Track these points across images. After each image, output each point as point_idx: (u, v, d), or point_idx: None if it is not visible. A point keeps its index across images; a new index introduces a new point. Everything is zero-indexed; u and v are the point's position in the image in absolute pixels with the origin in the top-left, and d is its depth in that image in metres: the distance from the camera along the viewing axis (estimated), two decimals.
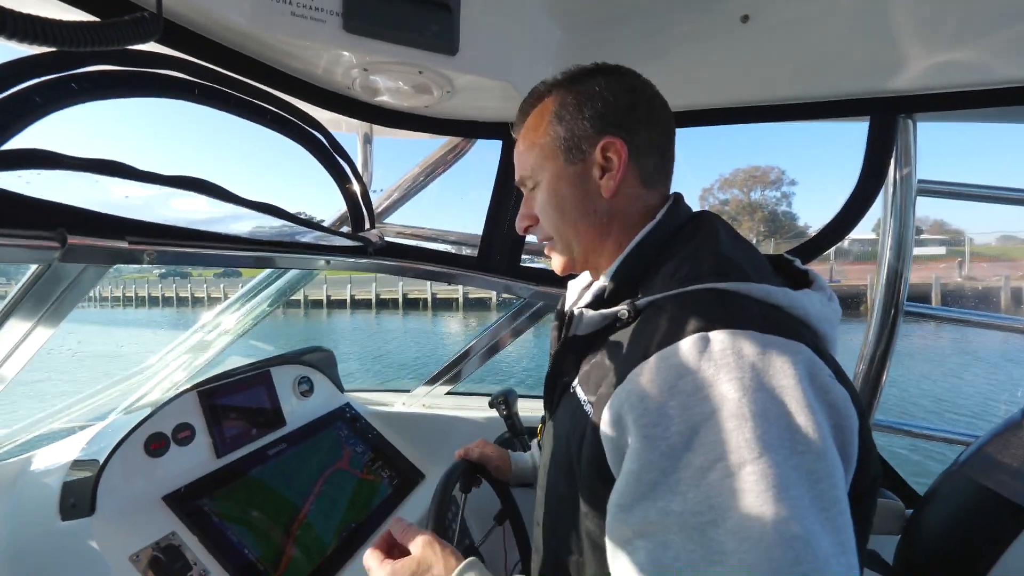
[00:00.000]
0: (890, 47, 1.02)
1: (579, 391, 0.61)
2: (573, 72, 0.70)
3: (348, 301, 36.76)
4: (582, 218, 0.68)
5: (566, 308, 0.86)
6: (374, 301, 36.00)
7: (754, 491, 0.39)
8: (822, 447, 0.42)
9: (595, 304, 0.63)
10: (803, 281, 0.64)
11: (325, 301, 36.79)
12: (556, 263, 0.75)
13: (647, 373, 0.48)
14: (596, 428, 0.52)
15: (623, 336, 0.57)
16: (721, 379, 0.44)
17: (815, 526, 0.38)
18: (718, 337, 0.47)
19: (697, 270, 0.56)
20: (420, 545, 0.64)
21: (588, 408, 0.57)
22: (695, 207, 0.70)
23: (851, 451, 0.46)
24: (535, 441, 1.11)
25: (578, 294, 0.87)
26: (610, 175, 0.64)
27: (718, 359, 0.45)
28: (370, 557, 0.66)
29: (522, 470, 1.04)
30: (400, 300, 35.15)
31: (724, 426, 0.42)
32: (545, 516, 0.69)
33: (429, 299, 33.36)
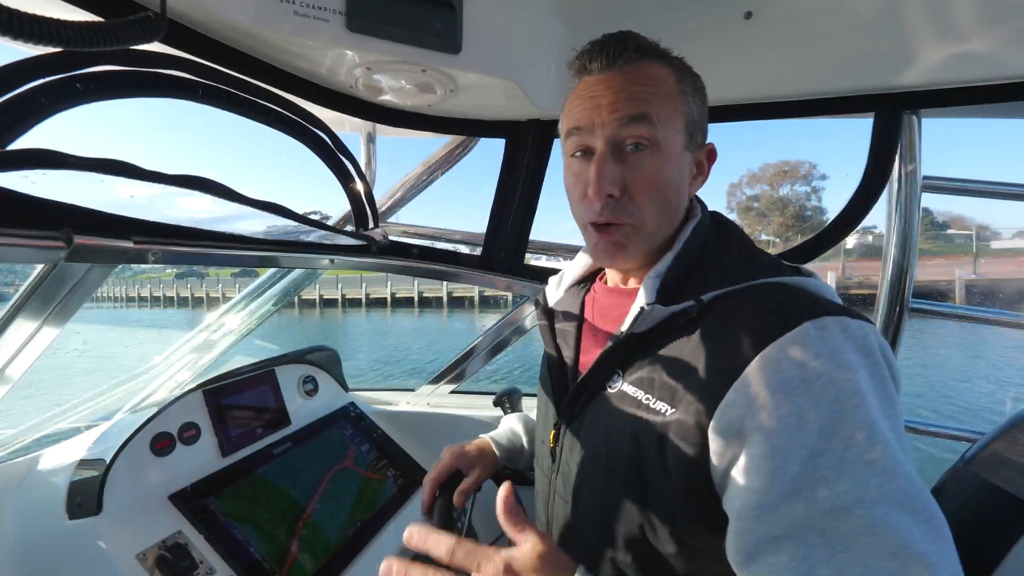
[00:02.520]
0: (894, 42, 1.01)
1: (632, 391, 0.59)
2: (672, 56, 0.64)
3: (363, 300, 36.74)
4: (677, 210, 0.64)
5: (550, 304, 0.84)
6: (389, 300, 35.97)
7: (881, 460, 0.44)
8: (898, 409, 0.48)
9: (661, 299, 0.59)
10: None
11: (340, 300, 36.79)
12: (624, 257, 0.65)
13: (765, 367, 0.49)
14: (700, 431, 0.52)
15: (695, 333, 0.55)
16: (838, 362, 0.47)
17: (915, 477, 0.45)
18: (826, 323, 0.50)
19: (755, 267, 0.58)
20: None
21: (662, 409, 0.55)
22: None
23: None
24: (510, 418, 1.05)
25: (564, 293, 0.84)
26: (701, 179, 0.66)
27: (831, 344, 0.48)
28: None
29: (506, 450, 0.95)
30: (416, 299, 35.12)
31: (846, 406, 0.46)
32: (581, 520, 0.65)
33: (445, 297, 33.33)
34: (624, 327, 0.61)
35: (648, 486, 0.56)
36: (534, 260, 1.52)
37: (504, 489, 0.50)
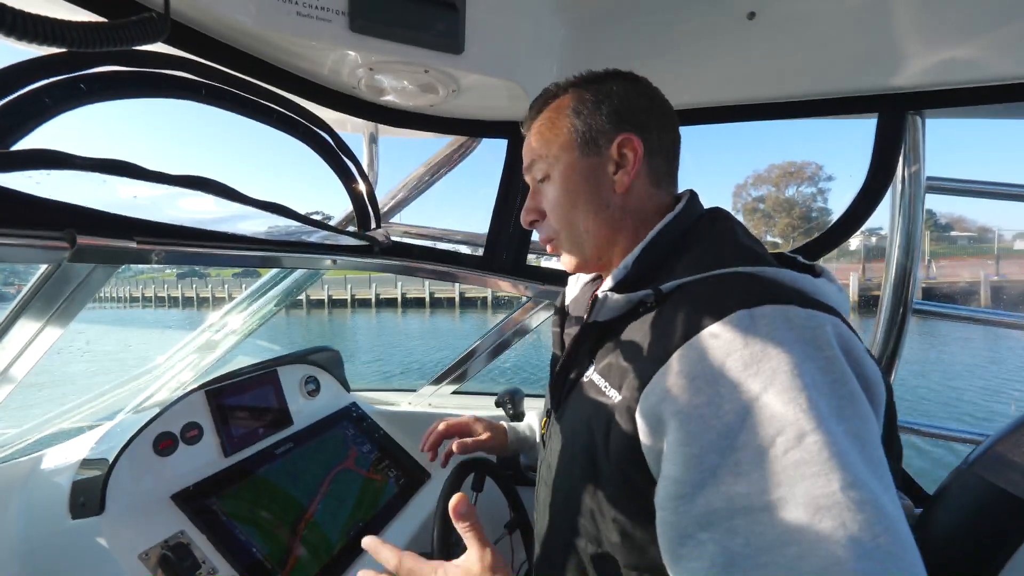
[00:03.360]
0: (898, 42, 1.01)
1: (597, 380, 0.60)
2: (588, 75, 0.71)
3: (373, 300, 36.69)
4: (595, 212, 0.68)
5: (566, 302, 0.88)
6: (399, 300, 35.93)
7: (817, 462, 0.39)
8: (863, 411, 0.43)
9: (619, 288, 0.62)
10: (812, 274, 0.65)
11: (349, 300, 36.75)
12: (566, 262, 0.74)
13: (692, 354, 0.48)
14: (630, 416, 0.52)
15: (649, 321, 0.56)
16: (770, 353, 0.44)
17: (875, 486, 0.39)
18: (764, 312, 0.47)
19: (722, 256, 0.57)
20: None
21: (613, 396, 0.56)
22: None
23: (879, 424, 0.47)
24: (531, 414, 1.11)
25: (579, 290, 0.87)
26: (625, 171, 0.66)
27: (765, 333, 0.45)
28: (409, 557, 0.59)
29: (520, 438, 1.03)
30: (427, 299, 35.07)
31: (779, 400, 0.42)
32: (556, 506, 0.67)
33: (457, 298, 33.24)
34: (588, 316, 0.64)
35: (599, 474, 0.57)
36: (543, 261, 1.53)
37: (456, 497, 0.56)
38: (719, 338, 0.47)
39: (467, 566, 0.54)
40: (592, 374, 0.62)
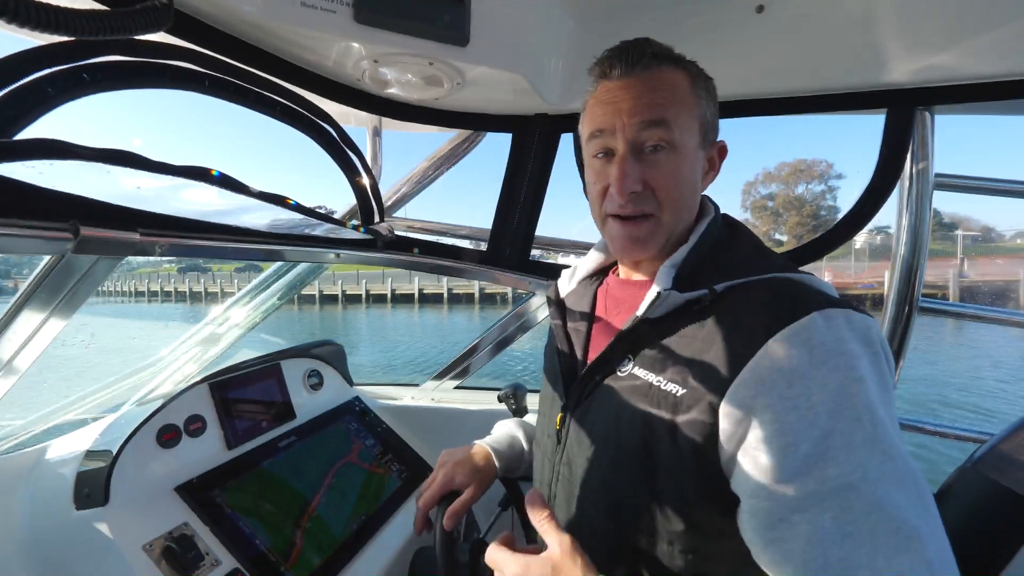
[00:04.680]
0: (908, 37, 1.00)
1: (643, 374, 0.62)
2: (684, 58, 0.68)
3: (389, 296, 36.58)
4: (692, 205, 0.69)
5: (562, 297, 0.87)
6: (416, 296, 35.78)
7: (882, 441, 0.48)
8: (893, 396, 0.53)
9: (676, 286, 0.62)
10: None
11: (364, 296, 36.62)
12: (642, 247, 0.68)
13: (776, 351, 0.52)
14: (711, 409, 0.54)
15: (710, 320, 0.59)
16: (843, 350, 0.51)
17: (907, 457, 0.49)
18: (832, 314, 0.53)
19: (763, 262, 0.62)
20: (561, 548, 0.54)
21: (674, 389, 0.58)
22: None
23: None
24: (506, 423, 1.01)
25: (576, 285, 0.87)
26: (713, 174, 0.70)
27: (836, 333, 0.52)
28: (497, 551, 0.59)
29: (506, 459, 0.92)
30: (445, 295, 34.96)
31: (851, 391, 0.49)
32: (590, 503, 0.66)
33: (477, 295, 33.14)
34: (639, 312, 0.63)
35: (658, 466, 0.59)
36: (562, 259, 1.52)
37: (532, 492, 0.58)
38: (800, 336, 0.52)
39: (549, 554, 0.55)
40: (634, 370, 0.63)
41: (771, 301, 0.56)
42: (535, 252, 1.50)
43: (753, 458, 0.51)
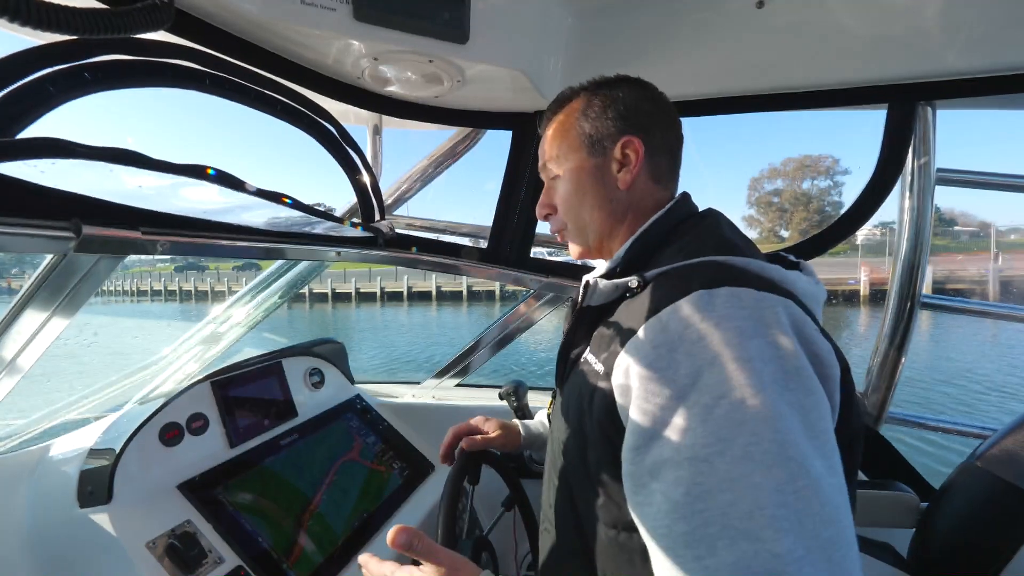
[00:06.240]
0: (909, 31, 0.99)
1: (589, 358, 0.66)
2: (600, 80, 0.77)
3: (405, 294, 36.39)
4: (599, 206, 0.74)
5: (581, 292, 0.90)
6: (434, 294, 35.57)
7: (753, 422, 0.44)
8: (809, 385, 0.48)
9: (608, 276, 0.69)
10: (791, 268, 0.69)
11: (379, 294, 36.42)
12: (573, 250, 0.81)
13: (657, 326, 0.54)
14: (607, 380, 0.57)
15: (633, 303, 0.62)
16: (723, 327, 0.49)
17: (807, 450, 0.44)
18: (720, 292, 0.52)
19: (701, 247, 0.63)
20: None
21: (598, 367, 0.61)
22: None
23: (834, 400, 0.51)
24: (543, 412, 1.12)
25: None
26: (627, 169, 0.72)
27: (720, 309, 0.51)
28: (369, 560, 0.65)
29: (533, 436, 1.05)
30: (464, 293, 34.84)
31: (727, 367, 0.47)
32: (560, 481, 0.71)
33: (497, 291, 32.72)
34: (579, 300, 0.71)
35: (586, 440, 0.62)
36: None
37: (392, 532, 0.59)
38: (680, 312, 0.52)
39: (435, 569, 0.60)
40: (587, 354, 0.67)
41: (674, 283, 0.57)
42: (536, 250, 1.50)
43: (628, 426, 0.53)
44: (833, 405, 0.50)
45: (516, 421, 1.06)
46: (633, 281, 0.63)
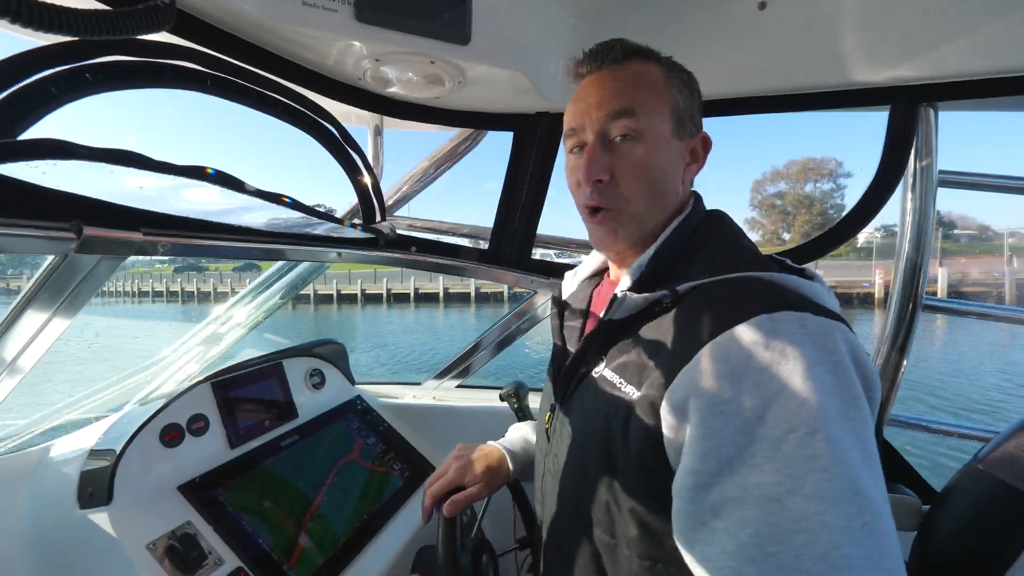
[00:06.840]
0: (912, 32, 0.99)
1: (610, 376, 0.61)
2: (666, 57, 0.68)
3: (412, 296, 36.38)
4: (665, 196, 0.67)
5: (563, 297, 0.89)
6: (441, 296, 35.54)
7: (823, 457, 0.43)
8: (864, 412, 0.47)
9: (635, 288, 0.63)
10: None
11: (385, 296, 36.38)
12: (615, 236, 0.68)
13: (717, 352, 0.50)
14: (653, 410, 0.53)
15: (666, 321, 0.58)
16: (788, 355, 0.47)
17: (868, 480, 0.43)
18: (783, 317, 0.50)
19: (732, 260, 0.59)
20: None
21: (630, 392, 0.57)
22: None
23: (874, 419, 0.49)
24: (522, 426, 1.04)
25: (577, 286, 0.88)
26: (697, 165, 0.68)
27: (785, 337, 0.48)
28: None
29: (521, 463, 0.93)
30: (472, 295, 34.80)
31: (793, 399, 0.45)
32: (566, 496, 0.68)
33: (505, 293, 32.76)
34: (602, 314, 0.65)
35: (616, 469, 0.58)
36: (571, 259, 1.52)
37: None
38: (743, 339, 0.49)
39: None
40: (604, 370, 0.63)
41: (724, 301, 0.54)
42: (537, 251, 1.50)
43: (684, 460, 0.50)
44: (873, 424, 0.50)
45: (502, 451, 0.93)
46: (667, 296, 0.59)
